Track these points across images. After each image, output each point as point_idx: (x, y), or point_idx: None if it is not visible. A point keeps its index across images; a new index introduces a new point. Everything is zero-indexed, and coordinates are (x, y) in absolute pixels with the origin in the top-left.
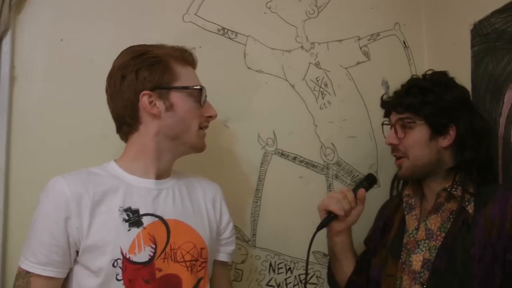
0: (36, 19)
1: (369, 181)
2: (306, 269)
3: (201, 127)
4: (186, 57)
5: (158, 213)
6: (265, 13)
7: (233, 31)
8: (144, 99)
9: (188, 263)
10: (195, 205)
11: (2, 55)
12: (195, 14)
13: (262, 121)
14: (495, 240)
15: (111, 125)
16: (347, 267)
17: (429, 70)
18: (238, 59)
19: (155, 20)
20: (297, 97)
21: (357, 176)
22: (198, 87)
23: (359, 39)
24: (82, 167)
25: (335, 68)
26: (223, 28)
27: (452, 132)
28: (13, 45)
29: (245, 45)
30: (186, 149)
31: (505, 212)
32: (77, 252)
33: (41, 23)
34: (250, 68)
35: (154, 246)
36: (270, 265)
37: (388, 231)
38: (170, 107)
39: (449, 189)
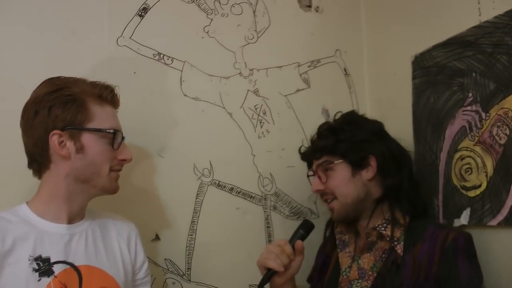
0: None
1: (305, 228)
2: None
3: (113, 170)
4: (105, 96)
5: (69, 260)
6: (202, 37)
7: (169, 57)
8: (53, 139)
9: None
10: (109, 248)
11: None
12: (130, 38)
13: (198, 150)
14: (423, 282)
15: None
16: None
17: (338, 112)
18: (174, 86)
19: (87, 42)
20: (234, 125)
21: (295, 206)
22: (111, 131)
23: (299, 66)
24: (6, 202)
25: (274, 95)
26: (159, 53)
27: (373, 163)
28: None
29: (182, 71)
30: (97, 191)
31: (432, 254)
32: None
33: None
34: (186, 95)
35: None
36: None
37: (326, 269)
38: (80, 149)
39: (378, 229)
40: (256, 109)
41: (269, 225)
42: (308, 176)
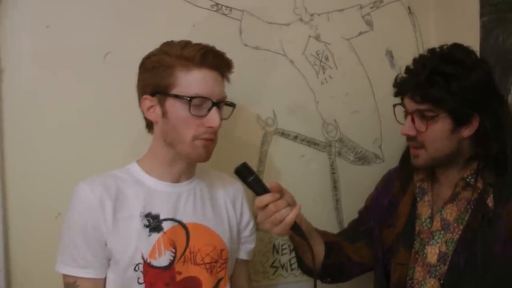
0: (19, 4)
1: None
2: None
3: (199, 138)
4: (191, 58)
5: (177, 218)
6: None
7: (227, 7)
8: (143, 104)
9: (208, 265)
10: (216, 207)
11: None
12: None
13: (261, 100)
14: None
15: (104, 114)
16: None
17: (444, 45)
18: (234, 36)
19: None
20: (297, 73)
21: (360, 152)
22: (187, 97)
23: (361, 8)
24: (78, 155)
25: (336, 40)
26: (217, 4)
27: (475, 122)
28: None
29: (241, 20)
30: (184, 158)
31: None
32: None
33: (24, 9)
34: (247, 45)
35: (174, 250)
36: (274, 246)
37: (393, 211)
38: (165, 114)
39: (467, 179)
40: (318, 55)
41: (334, 171)
42: (394, 105)
